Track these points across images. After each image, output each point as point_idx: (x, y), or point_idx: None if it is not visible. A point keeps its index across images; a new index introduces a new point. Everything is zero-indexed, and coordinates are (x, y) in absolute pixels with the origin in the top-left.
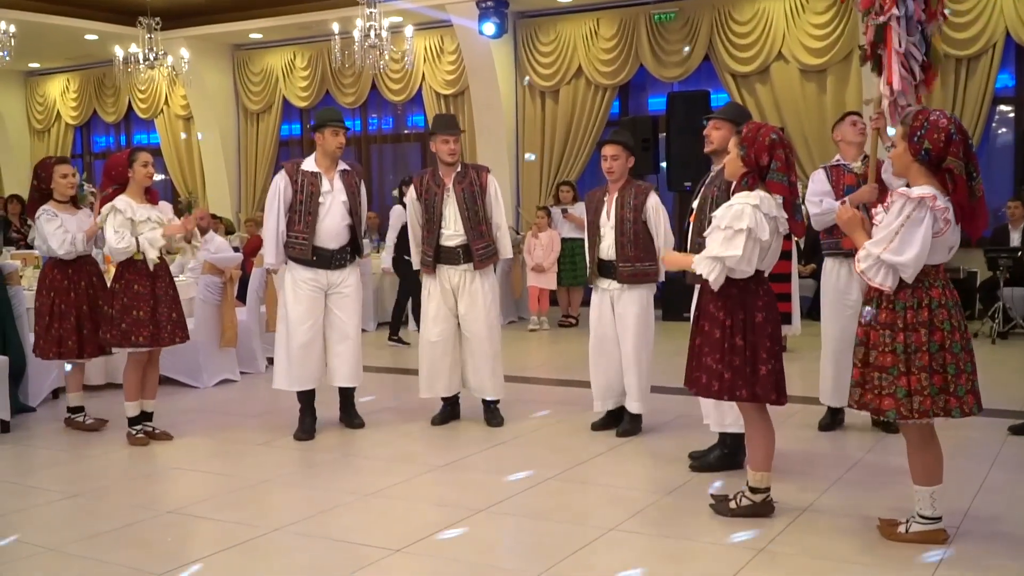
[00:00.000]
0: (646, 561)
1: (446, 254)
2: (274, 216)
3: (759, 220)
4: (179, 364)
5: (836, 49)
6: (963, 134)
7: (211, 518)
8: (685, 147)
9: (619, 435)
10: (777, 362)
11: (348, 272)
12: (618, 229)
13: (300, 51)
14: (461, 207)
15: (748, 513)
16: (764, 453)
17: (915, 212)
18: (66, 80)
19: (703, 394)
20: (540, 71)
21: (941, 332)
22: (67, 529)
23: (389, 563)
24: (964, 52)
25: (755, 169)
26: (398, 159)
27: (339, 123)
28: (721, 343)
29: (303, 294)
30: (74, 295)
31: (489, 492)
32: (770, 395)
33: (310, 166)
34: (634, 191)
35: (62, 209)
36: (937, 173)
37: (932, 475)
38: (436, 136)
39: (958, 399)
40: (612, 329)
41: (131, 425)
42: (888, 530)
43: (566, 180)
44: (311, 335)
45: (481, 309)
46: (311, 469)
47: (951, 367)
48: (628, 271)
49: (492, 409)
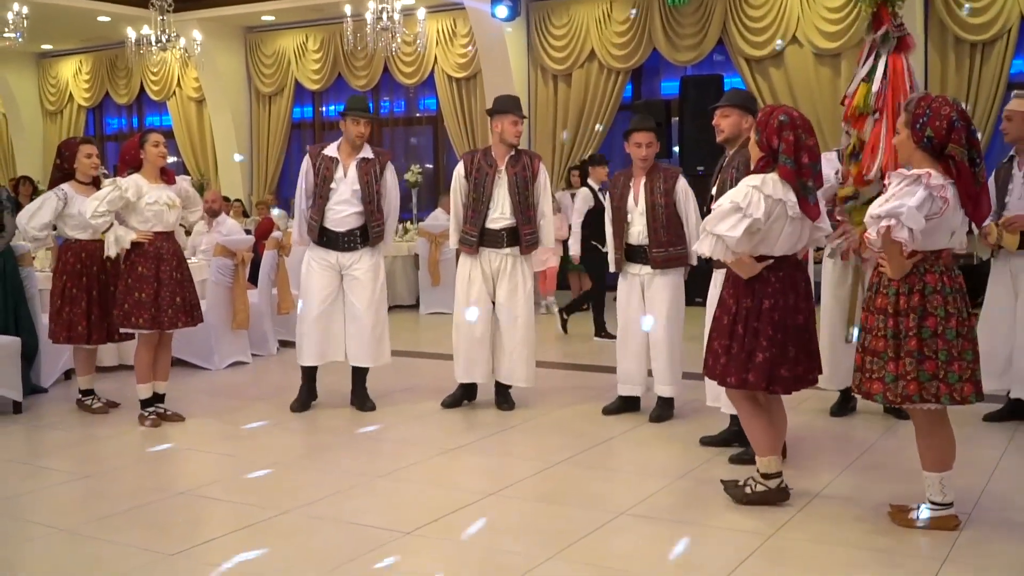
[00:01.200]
0: (656, 545)
1: (490, 236)
2: (300, 197)
3: (754, 199)
4: (191, 346)
5: (851, 33)
6: (965, 120)
7: (222, 499)
8: (698, 131)
9: (652, 420)
10: (777, 349)
11: (359, 255)
12: (649, 215)
13: (312, 33)
14: (512, 190)
15: (761, 500)
16: (763, 439)
17: (910, 185)
18: (78, 62)
19: (708, 375)
20: (552, 54)
21: (934, 318)
22: (79, 510)
23: (400, 545)
24: (979, 37)
25: (769, 153)
26: (410, 142)
27: (359, 112)
28: (727, 329)
29: (314, 272)
30: (86, 279)
31: (500, 475)
32: (761, 383)
33: (331, 151)
34: (662, 175)
35: (81, 190)
36: (940, 160)
37: (941, 461)
38: (506, 116)
39: (948, 386)
40: (640, 314)
41: (143, 407)
42: (899, 516)
43: (577, 164)
44: (321, 310)
45: (522, 296)
46: (322, 451)
47: (942, 353)
48: (661, 256)
49: (506, 393)
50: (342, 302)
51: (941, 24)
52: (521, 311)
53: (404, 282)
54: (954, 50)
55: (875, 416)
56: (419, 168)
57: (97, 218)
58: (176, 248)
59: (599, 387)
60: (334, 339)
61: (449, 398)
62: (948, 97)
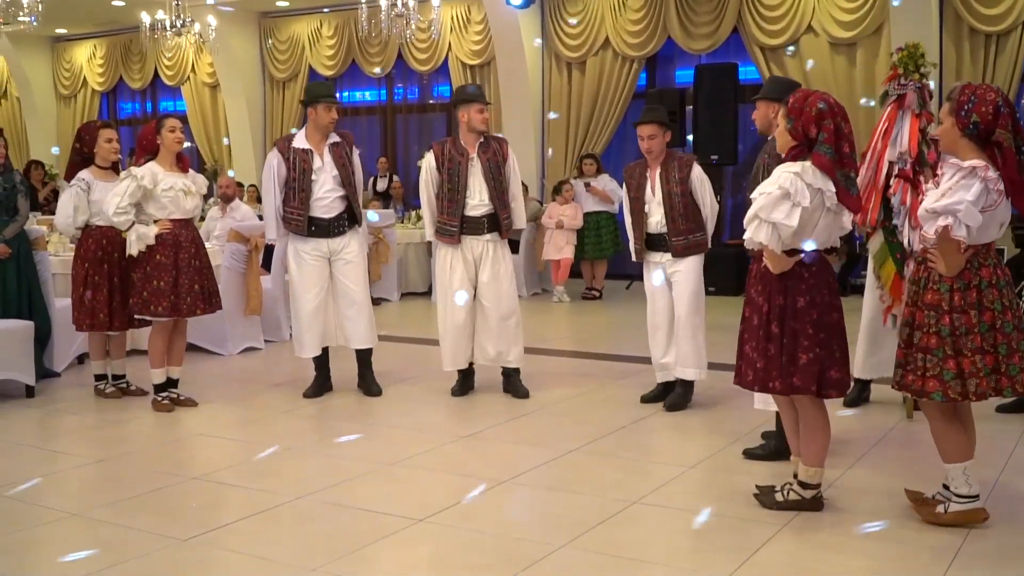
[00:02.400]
0: (667, 534)
1: (471, 224)
2: (271, 193)
3: (799, 187)
4: (204, 332)
5: (867, 22)
6: (1011, 107)
7: (235, 485)
8: (712, 120)
9: (667, 408)
10: (823, 350)
11: (348, 238)
12: (667, 204)
13: (327, 19)
14: (487, 176)
15: (796, 507)
16: (819, 447)
17: (965, 179)
18: (93, 46)
19: (741, 384)
20: (567, 41)
21: (992, 312)
22: (92, 494)
23: (412, 532)
24: (993, 28)
25: (804, 142)
26: (423, 129)
27: (332, 98)
28: (758, 330)
29: (305, 264)
30: (107, 266)
31: (512, 463)
32: (810, 386)
33: (301, 142)
34: (677, 164)
35: (101, 176)
36: (986, 147)
37: (961, 451)
38: (471, 105)
39: (1010, 378)
40: (665, 301)
41: (157, 392)
42: (925, 511)
43: (590, 153)
44: (317, 302)
45: (504, 278)
46: (335, 437)
47: (1003, 347)
48: (682, 244)
49: (514, 380)
50: (330, 290)
51: (956, 15)
52: (506, 293)
53: (417, 269)
54: (969, 41)
55: (890, 406)
56: None
57: (120, 215)
58: (195, 235)
59: (610, 375)
60: (329, 325)
61: (457, 386)
62: (992, 85)
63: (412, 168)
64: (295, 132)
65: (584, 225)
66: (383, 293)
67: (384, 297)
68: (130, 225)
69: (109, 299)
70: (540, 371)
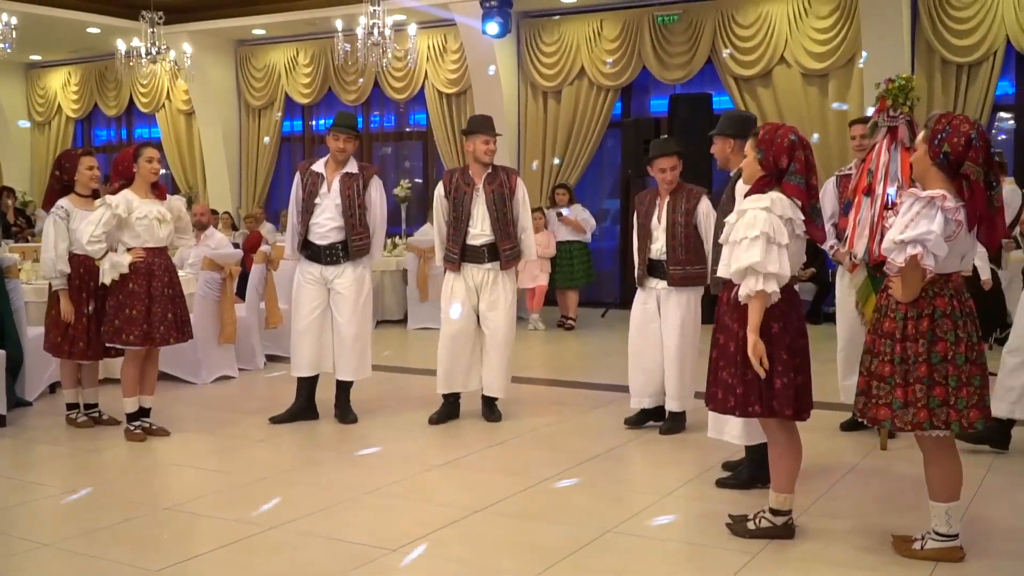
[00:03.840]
0: (643, 563)
1: (472, 252)
2: (291, 211)
3: (774, 224)
4: (177, 360)
5: (839, 54)
6: (985, 140)
7: (209, 515)
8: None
9: (662, 432)
10: (798, 375)
11: (342, 269)
12: (669, 232)
13: (303, 47)
14: (490, 207)
15: (768, 535)
16: (787, 474)
17: (925, 208)
18: (67, 73)
19: (719, 410)
20: (543, 71)
21: (944, 343)
22: (64, 525)
23: (388, 562)
24: (965, 59)
25: (774, 172)
26: (400, 157)
27: (340, 128)
28: (735, 356)
29: (303, 284)
30: (84, 294)
31: (487, 492)
32: (785, 409)
33: (319, 167)
34: (686, 195)
35: (80, 204)
36: (955, 178)
37: (948, 491)
38: (477, 136)
39: (958, 412)
40: (655, 328)
41: (129, 421)
42: (903, 547)
43: (562, 183)
44: (307, 323)
45: (503, 309)
46: (309, 467)
47: (952, 379)
48: (679, 274)
49: (492, 405)
50: (330, 314)
51: (928, 46)
52: (501, 323)
53: (393, 297)
54: (940, 72)
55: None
56: (408, 183)
57: (94, 243)
58: (168, 263)
59: (585, 403)
60: (325, 350)
61: (436, 414)
62: (969, 117)
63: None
64: (323, 158)
65: (557, 254)
66: None
67: None
68: (104, 254)
69: (87, 328)
70: (516, 399)
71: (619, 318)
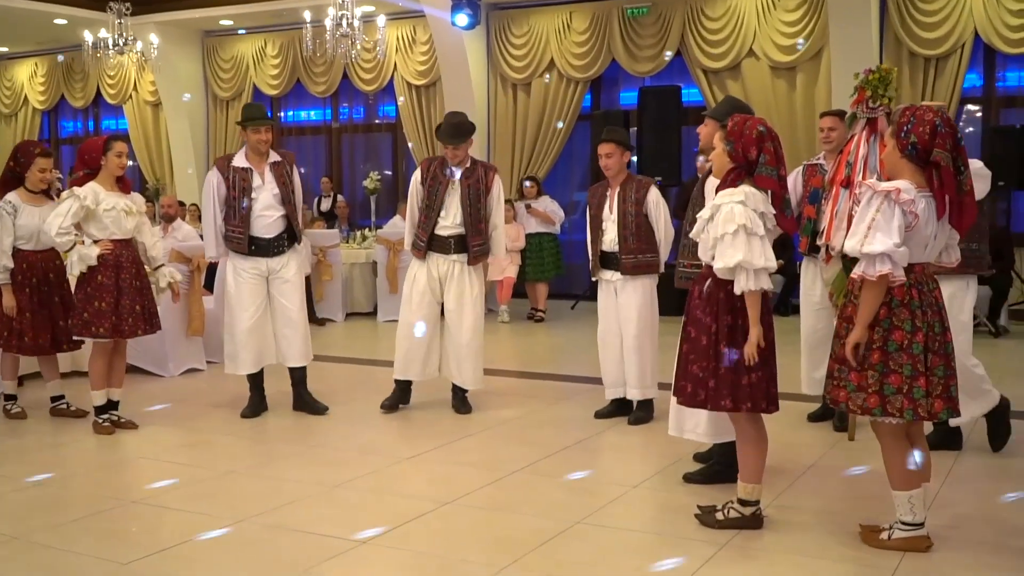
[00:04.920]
0: (611, 554)
1: (439, 243)
2: (210, 211)
3: (751, 216)
4: (145, 353)
5: (807, 46)
6: (950, 127)
7: (177, 508)
8: (656, 142)
9: (630, 423)
10: (768, 367)
11: (287, 258)
12: (620, 222)
13: (271, 39)
14: (464, 201)
15: (736, 526)
16: (755, 465)
17: (882, 204)
18: (34, 64)
19: (688, 403)
20: (512, 63)
21: (900, 331)
22: (32, 517)
23: (355, 555)
24: (933, 52)
25: (743, 164)
26: (369, 149)
27: (260, 120)
28: (707, 350)
29: (243, 282)
30: (29, 290)
31: (456, 484)
32: (760, 403)
33: (240, 161)
34: (635, 185)
35: (30, 200)
36: (925, 167)
37: (907, 479)
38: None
39: (913, 401)
40: (615, 319)
41: (97, 414)
42: (870, 537)
43: (531, 175)
44: (254, 320)
45: (468, 303)
46: (278, 460)
47: (907, 367)
48: (631, 263)
49: (462, 397)
50: (268, 307)
51: (896, 38)
52: (468, 316)
53: (362, 289)
54: (908, 64)
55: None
56: (378, 175)
57: (62, 235)
58: (134, 255)
59: (555, 396)
60: (267, 344)
61: (387, 400)
62: (934, 105)
63: (357, 188)
64: (237, 152)
65: (527, 246)
66: (328, 313)
67: (329, 317)
68: (71, 246)
69: (32, 323)
70: (485, 391)
71: (589, 310)
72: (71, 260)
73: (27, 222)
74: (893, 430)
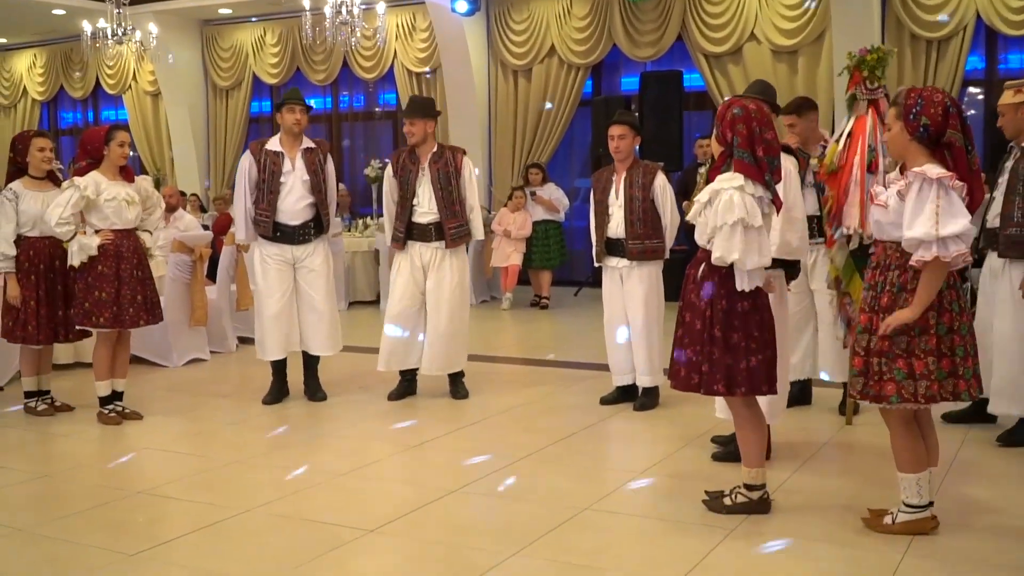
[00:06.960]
0: (618, 541)
1: (418, 231)
2: (241, 195)
3: (749, 205)
4: (148, 343)
5: (808, 30)
6: (958, 107)
7: (182, 499)
8: (657, 127)
9: (636, 409)
10: (769, 350)
11: (313, 247)
12: (627, 208)
13: (270, 27)
14: (435, 186)
15: (744, 511)
16: (756, 449)
17: (939, 191)
18: (33, 55)
19: (682, 388)
20: (512, 49)
21: (950, 314)
22: (37, 510)
23: (363, 543)
24: (935, 34)
25: (727, 147)
26: (369, 137)
27: (295, 100)
28: (701, 334)
29: (270, 268)
30: (35, 277)
31: (462, 472)
32: (760, 386)
33: (274, 145)
34: (642, 171)
35: (33, 186)
36: (936, 150)
37: (917, 461)
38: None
39: (966, 382)
40: (622, 306)
41: (102, 405)
42: (875, 522)
43: (535, 163)
44: (279, 307)
45: (447, 287)
46: (282, 449)
47: (959, 349)
48: (637, 248)
49: (457, 382)
50: (295, 294)
51: (898, 21)
52: (446, 302)
53: (364, 277)
54: (910, 47)
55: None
56: (379, 163)
57: (62, 225)
58: (136, 245)
59: (560, 383)
60: (293, 330)
61: (395, 391)
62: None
63: (358, 176)
64: (272, 137)
65: (532, 234)
66: None
67: None
68: (72, 236)
69: (36, 311)
70: (489, 379)
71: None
72: (72, 250)
73: (30, 207)
74: (903, 413)
